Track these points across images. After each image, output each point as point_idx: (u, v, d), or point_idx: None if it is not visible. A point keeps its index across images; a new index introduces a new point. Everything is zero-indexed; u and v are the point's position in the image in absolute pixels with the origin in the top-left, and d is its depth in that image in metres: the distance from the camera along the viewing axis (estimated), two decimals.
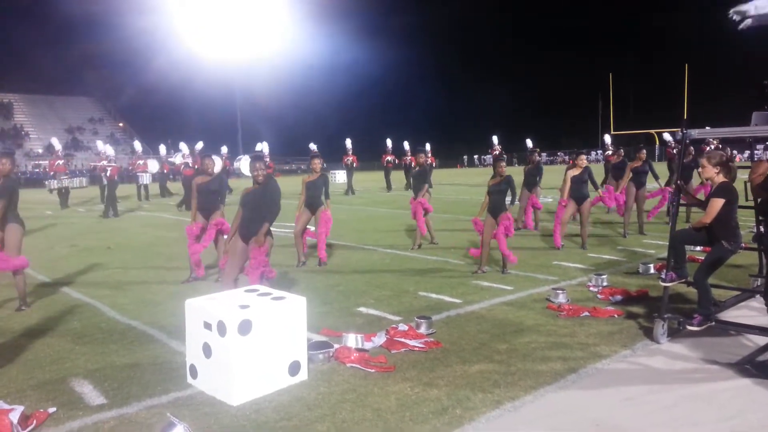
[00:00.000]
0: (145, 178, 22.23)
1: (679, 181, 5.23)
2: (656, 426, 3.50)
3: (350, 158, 23.26)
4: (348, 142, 23.07)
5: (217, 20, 37.74)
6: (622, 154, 12.99)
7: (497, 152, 26.06)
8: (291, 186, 18.43)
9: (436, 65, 72.73)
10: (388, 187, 24.18)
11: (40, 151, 44.18)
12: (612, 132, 43.51)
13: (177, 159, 21.15)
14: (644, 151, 11.06)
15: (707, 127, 6.86)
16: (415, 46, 68.75)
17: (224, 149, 22.97)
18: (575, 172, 9.40)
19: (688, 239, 5.31)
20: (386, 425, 3.51)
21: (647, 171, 10.84)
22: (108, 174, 16.86)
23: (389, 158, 24.70)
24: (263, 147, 22.30)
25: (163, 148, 24.62)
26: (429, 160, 22.71)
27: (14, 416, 3.43)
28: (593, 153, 47.10)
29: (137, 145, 24.09)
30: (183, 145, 21.73)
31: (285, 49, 42.51)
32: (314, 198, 8.47)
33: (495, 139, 24.83)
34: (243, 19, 37.62)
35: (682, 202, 5.63)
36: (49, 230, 13.43)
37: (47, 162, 19.24)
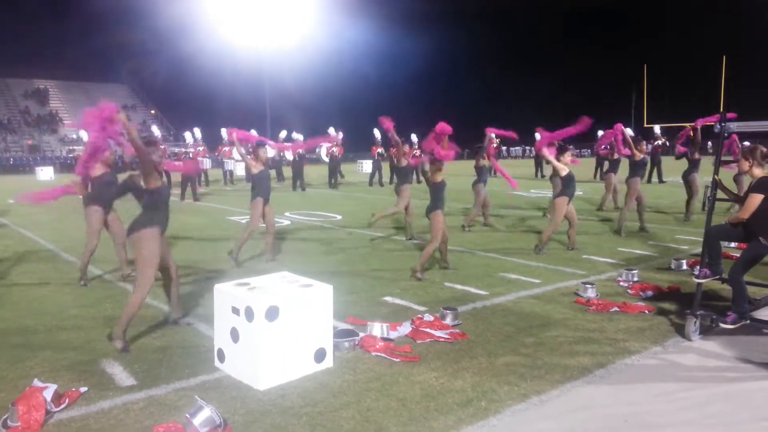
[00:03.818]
0: None
1: (716, 176, 5.10)
2: (687, 424, 3.43)
3: (335, 148, 22.49)
4: (331, 131, 22.06)
5: (248, 8, 37.99)
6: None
7: (495, 145, 25.44)
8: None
9: (468, 53, 71.66)
10: (380, 181, 22.37)
11: (75, 136, 45.08)
12: (645, 125, 42.56)
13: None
14: (644, 143, 10.91)
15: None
16: (447, 33, 67.66)
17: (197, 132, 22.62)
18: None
19: (723, 235, 5.16)
20: (411, 414, 3.51)
21: (647, 163, 10.63)
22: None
23: (379, 150, 22.65)
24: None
25: (189, 136, 24.54)
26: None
27: (48, 394, 3.52)
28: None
29: None
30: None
31: (313, 36, 42.56)
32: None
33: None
34: (273, 6, 37.79)
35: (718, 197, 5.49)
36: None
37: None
